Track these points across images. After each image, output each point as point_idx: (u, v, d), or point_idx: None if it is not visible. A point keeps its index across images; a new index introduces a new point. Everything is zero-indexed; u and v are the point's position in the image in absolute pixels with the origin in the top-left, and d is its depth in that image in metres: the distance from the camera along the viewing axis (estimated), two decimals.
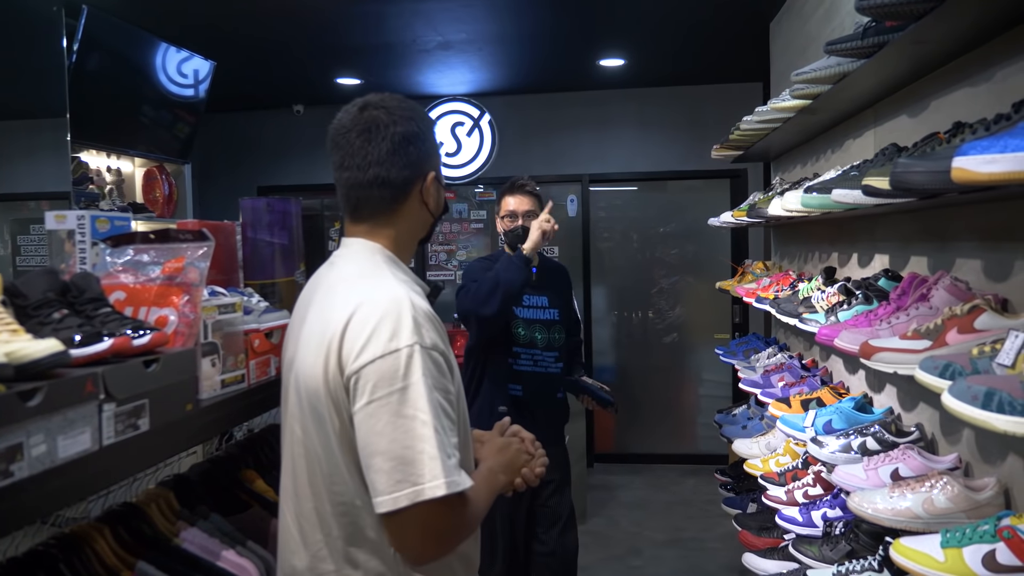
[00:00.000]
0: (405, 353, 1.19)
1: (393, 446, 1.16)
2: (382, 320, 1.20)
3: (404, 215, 1.39)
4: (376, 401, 1.18)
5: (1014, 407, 1.12)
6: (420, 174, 1.38)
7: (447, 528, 1.22)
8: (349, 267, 1.36)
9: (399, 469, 1.15)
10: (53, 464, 0.93)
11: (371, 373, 1.18)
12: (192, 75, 4.30)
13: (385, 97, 1.39)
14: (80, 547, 1.25)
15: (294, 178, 6.29)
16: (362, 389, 1.19)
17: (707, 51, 4.83)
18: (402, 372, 1.18)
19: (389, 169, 1.34)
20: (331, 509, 1.26)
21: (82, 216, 1.41)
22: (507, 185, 2.95)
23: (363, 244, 1.38)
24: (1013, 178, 1.01)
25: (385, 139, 1.33)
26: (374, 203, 1.36)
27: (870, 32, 1.74)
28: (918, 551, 1.37)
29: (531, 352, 2.88)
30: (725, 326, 5.79)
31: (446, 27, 4.22)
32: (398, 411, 1.17)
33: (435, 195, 1.42)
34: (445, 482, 1.15)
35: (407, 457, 1.16)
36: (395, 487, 1.15)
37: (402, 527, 1.19)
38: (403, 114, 1.35)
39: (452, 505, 1.18)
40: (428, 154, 1.39)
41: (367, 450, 1.19)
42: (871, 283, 2.09)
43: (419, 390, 1.18)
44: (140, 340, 1.10)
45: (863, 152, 2.46)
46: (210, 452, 1.80)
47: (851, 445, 1.93)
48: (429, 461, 1.15)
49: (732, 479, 3.33)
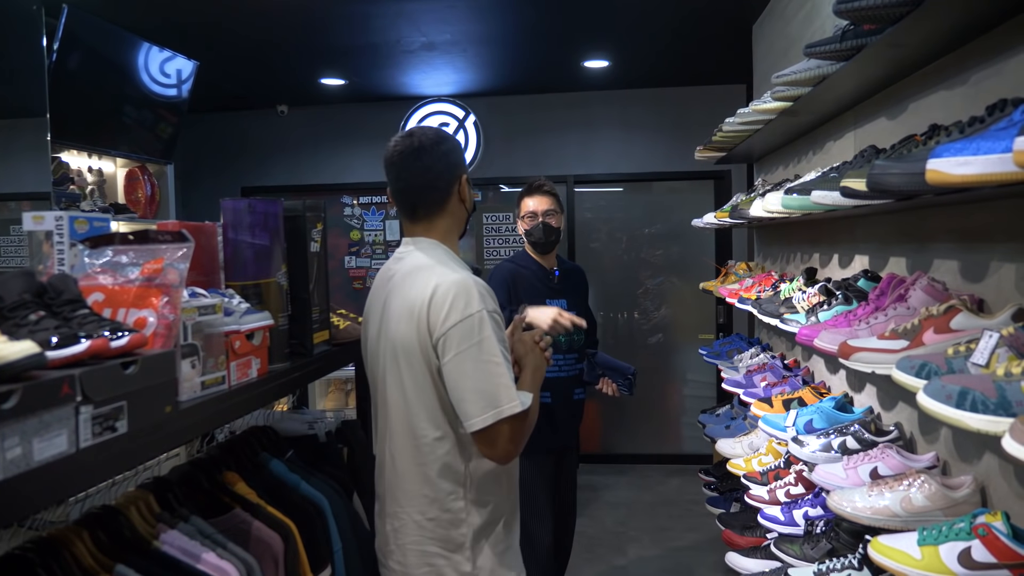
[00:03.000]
0: (477, 317, 1.61)
1: (479, 383, 1.59)
2: (457, 295, 1.62)
3: (449, 212, 1.81)
4: (461, 352, 1.60)
5: (987, 406, 1.13)
6: (457, 176, 1.80)
7: (521, 433, 1.65)
8: (420, 258, 1.76)
9: (484, 398, 1.59)
10: (29, 467, 0.92)
11: (455, 333, 1.61)
12: (175, 75, 4.27)
13: (424, 127, 1.84)
14: (58, 550, 1.23)
15: (278, 179, 6.26)
16: (449, 346, 1.61)
17: (691, 53, 4.86)
18: (477, 330, 1.61)
19: (437, 176, 1.77)
20: (413, 442, 1.69)
21: (60, 217, 1.40)
22: (525, 187, 3.11)
23: (426, 241, 1.80)
24: (985, 180, 1.02)
25: (433, 154, 1.76)
26: (428, 204, 1.79)
27: (848, 35, 1.76)
28: (895, 549, 1.39)
29: (555, 358, 2.90)
30: (709, 327, 5.82)
31: (430, 28, 4.22)
32: (478, 358, 1.60)
33: (468, 194, 1.86)
34: (519, 403, 1.60)
35: (489, 390, 1.59)
36: (484, 411, 1.59)
37: (491, 438, 1.61)
38: (441, 136, 1.81)
39: (520, 418, 1.62)
40: (461, 161, 1.83)
41: (458, 388, 1.61)
42: (851, 284, 2.11)
43: (491, 341, 1.61)
44: (118, 342, 1.09)
45: (844, 154, 2.48)
46: (192, 454, 1.79)
47: (831, 444, 1.95)
48: (505, 390, 1.60)
49: (716, 479, 3.35)
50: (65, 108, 3.51)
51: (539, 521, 2.88)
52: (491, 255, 5.76)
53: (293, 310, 1.76)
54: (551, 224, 3.02)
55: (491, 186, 6.11)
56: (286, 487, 1.73)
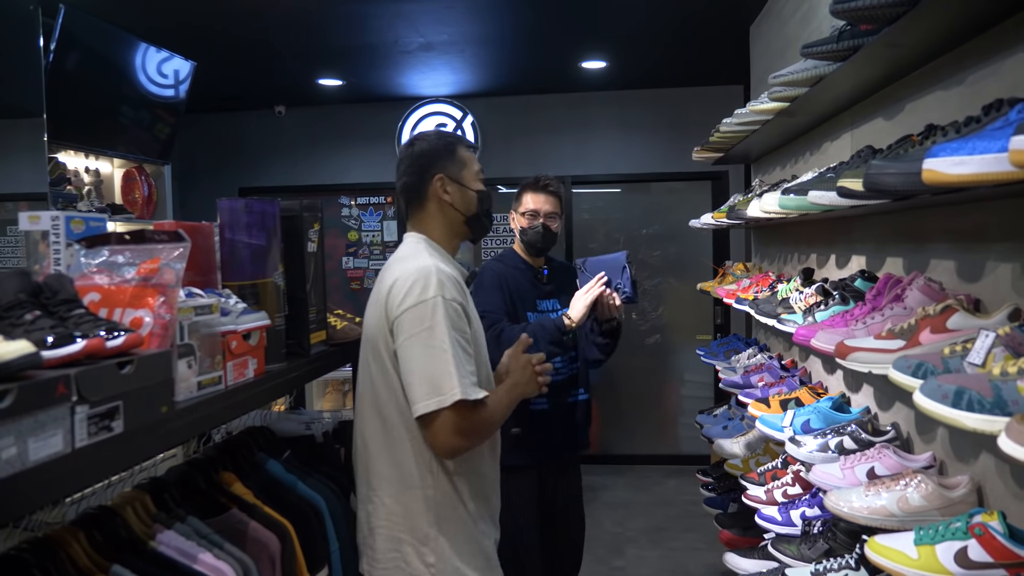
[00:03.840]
0: (431, 303, 1.64)
1: (424, 368, 1.62)
2: (415, 281, 1.67)
3: (433, 210, 1.87)
4: (412, 337, 1.64)
5: (983, 405, 1.13)
6: (430, 176, 1.85)
7: (466, 426, 1.63)
8: (401, 251, 1.86)
9: (427, 384, 1.60)
10: (24, 467, 0.91)
11: (407, 317, 1.65)
12: (172, 75, 4.27)
13: (430, 131, 1.95)
14: (54, 551, 1.23)
15: (276, 179, 6.25)
16: (401, 329, 1.66)
17: (688, 54, 4.86)
18: (429, 315, 1.63)
19: (410, 176, 1.87)
20: (381, 424, 1.73)
21: (56, 217, 1.39)
22: (530, 181, 2.82)
23: (412, 235, 1.88)
24: (981, 179, 1.02)
25: (409, 156, 1.88)
26: (410, 202, 1.89)
27: (845, 35, 1.76)
28: (892, 549, 1.39)
29: (551, 362, 2.63)
30: (707, 327, 5.82)
31: (428, 28, 4.22)
32: (427, 343, 1.62)
33: (457, 195, 1.88)
34: (460, 392, 1.59)
35: (434, 376, 1.60)
36: (426, 396, 1.60)
37: (432, 427, 1.63)
38: (427, 138, 1.91)
39: (468, 409, 1.61)
40: (436, 162, 1.86)
41: (406, 372, 1.65)
42: (848, 284, 2.11)
43: (442, 328, 1.62)
44: (114, 342, 1.08)
45: (840, 154, 2.48)
46: (188, 454, 1.79)
47: (828, 444, 1.95)
48: (448, 378, 1.59)
49: (713, 479, 3.35)
50: (62, 108, 3.50)
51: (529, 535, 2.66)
52: (489, 256, 5.75)
53: (290, 310, 1.76)
54: (551, 228, 2.76)
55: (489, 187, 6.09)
56: (283, 487, 1.72)
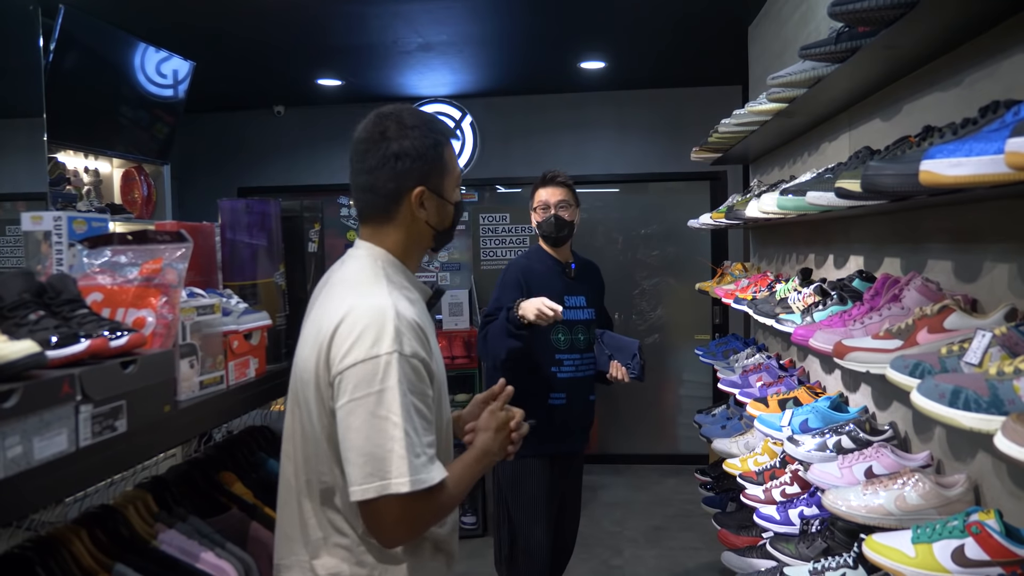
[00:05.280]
0: (384, 360, 1.29)
1: (367, 443, 1.27)
2: (367, 328, 1.30)
3: (400, 224, 1.46)
4: (355, 400, 1.28)
5: (980, 404, 1.14)
6: (407, 188, 1.44)
7: (413, 517, 1.31)
8: (352, 268, 1.46)
9: (370, 464, 1.26)
10: (29, 466, 0.92)
11: (352, 375, 1.29)
12: (171, 75, 4.27)
13: (403, 110, 1.47)
14: (57, 550, 1.24)
15: (275, 179, 6.25)
16: (344, 388, 1.30)
17: (686, 54, 4.87)
18: (380, 376, 1.28)
19: (376, 179, 1.43)
20: (316, 486, 1.38)
21: (59, 217, 1.40)
22: (539, 178, 3.01)
23: (368, 248, 1.47)
24: (978, 181, 1.03)
25: (380, 151, 1.43)
26: (369, 209, 1.47)
27: (843, 37, 1.77)
28: (890, 547, 1.40)
29: (573, 357, 2.83)
30: (705, 327, 5.83)
31: (427, 28, 4.22)
32: (374, 411, 1.28)
33: (434, 210, 1.48)
34: (410, 480, 1.26)
35: (378, 455, 1.26)
36: (366, 479, 1.26)
37: (371, 515, 1.30)
38: (408, 131, 1.44)
39: (417, 498, 1.28)
40: (419, 171, 1.44)
41: (344, 444, 1.30)
42: (846, 284, 2.12)
43: (394, 394, 1.28)
44: (117, 341, 1.09)
45: (839, 155, 2.50)
46: (189, 454, 1.79)
47: (826, 444, 1.96)
48: (397, 460, 1.26)
49: (712, 479, 3.36)
50: (61, 108, 3.50)
51: (540, 526, 2.79)
52: (488, 256, 5.76)
53: (291, 310, 1.77)
54: (563, 217, 2.89)
55: (487, 187, 6.12)
56: None
